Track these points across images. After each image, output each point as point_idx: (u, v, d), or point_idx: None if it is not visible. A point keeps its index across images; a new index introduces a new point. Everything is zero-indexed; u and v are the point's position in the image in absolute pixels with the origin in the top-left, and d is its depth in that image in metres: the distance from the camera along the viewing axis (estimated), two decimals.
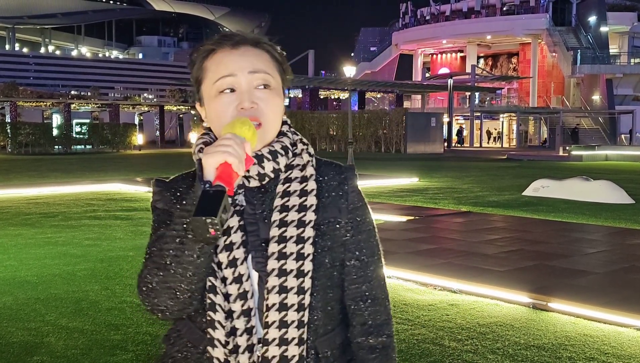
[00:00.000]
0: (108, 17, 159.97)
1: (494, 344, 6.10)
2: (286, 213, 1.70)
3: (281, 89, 1.80)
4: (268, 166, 1.71)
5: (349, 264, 1.80)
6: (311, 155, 1.81)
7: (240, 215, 1.72)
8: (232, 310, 1.68)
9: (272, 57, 1.79)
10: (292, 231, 1.68)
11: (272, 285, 1.66)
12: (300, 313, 1.67)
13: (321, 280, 1.73)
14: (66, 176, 25.03)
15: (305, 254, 1.68)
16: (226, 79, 1.72)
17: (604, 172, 27.76)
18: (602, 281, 8.39)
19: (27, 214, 14.40)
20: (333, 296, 1.78)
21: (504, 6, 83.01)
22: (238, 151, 1.54)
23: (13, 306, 7.27)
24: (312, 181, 1.74)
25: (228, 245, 1.69)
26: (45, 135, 48.53)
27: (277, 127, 1.77)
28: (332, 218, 1.76)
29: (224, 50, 1.75)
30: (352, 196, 1.80)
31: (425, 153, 47.25)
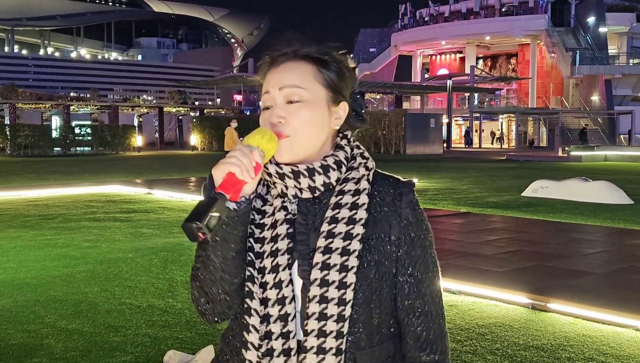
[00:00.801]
0: (107, 18, 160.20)
1: (493, 345, 6.10)
2: (335, 224, 1.73)
3: (323, 100, 1.78)
4: (318, 180, 1.75)
5: (401, 279, 1.80)
6: (369, 169, 1.81)
7: (290, 224, 1.76)
8: (269, 315, 1.72)
9: (314, 66, 1.79)
10: (339, 243, 1.71)
11: (313, 294, 1.70)
12: (340, 324, 1.69)
13: (365, 293, 1.73)
14: (65, 178, 25.02)
15: (349, 266, 1.70)
16: (265, 97, 1.81)
17: (603, 172, 27.77)
18: (601, 282, 8.39)
19: (27, 216, 14.39)
20: (380, 310, 1.77)
21: (502, 7, 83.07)
22: (242, 160, 1.62)
23: (12, 308, 7.27)
24: (364, 195, 1.76)
25: (274, 251, 1.74)
26: (45, 137, 48.53)
27: (312, 139, 1.76)
28: (382, 232, 1.77)
29: (271, 69, 1.82)
30: (406, 212, 1.80)
31: (425, 154, 47.25)
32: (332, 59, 1.81)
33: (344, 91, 1.83)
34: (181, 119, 69.66)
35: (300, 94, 1.75)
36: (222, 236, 1.70)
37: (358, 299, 1.72)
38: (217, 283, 1.75)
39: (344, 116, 1.83)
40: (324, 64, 1.80)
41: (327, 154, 1.80)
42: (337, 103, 1.81)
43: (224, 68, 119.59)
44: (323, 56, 1.80)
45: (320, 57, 1.80)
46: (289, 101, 1.75)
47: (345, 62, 1.85)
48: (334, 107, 1.81)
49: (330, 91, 1.79)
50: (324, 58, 1.80)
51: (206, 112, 69.51)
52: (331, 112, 1.80)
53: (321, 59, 1.80)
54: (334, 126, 1.82)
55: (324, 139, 1.79)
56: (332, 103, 1.80)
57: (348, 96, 1.85)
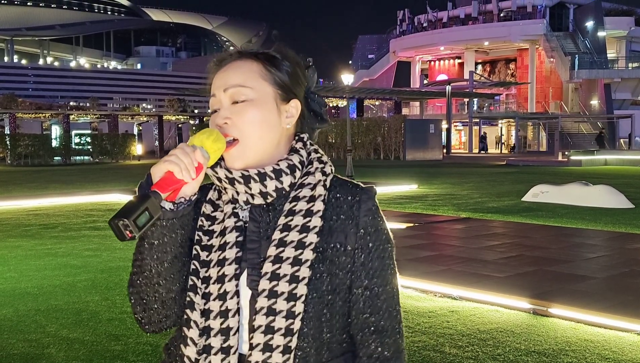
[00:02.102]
0: (106, 28, 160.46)
1: (495, 350, 6.10)
2: (287, 232, 1.63)
3: (270, 98, 1.70)
4: (270, 185, 1.65)
5: (356, 292, 1.69)
6: (326, 174, 1.72)
7: (240, 231, 1.67)
8: (210, 327, 1.63)
9: (260, 64, 1.72)
10: (290, 252, 1.61)
11: (260, 306, 1.60)
12: (288, 338, 1.58)
13: (316, 307, 1.62)
14: (66, 187, 25.03)
15: (300, 277, 1.60)
16: (211, 100, 1.74)
17: (603, 177, 27.78)
18: (603, 286, 8.39)
19: (27, 225, 14.40)
20: (331, 324, 1.66)
21: (501, 12, 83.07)
22: (182, 159, 1.56)
23: (13, 317, 7.27)
24: (319, 202, 1.66)
25: (221, 260, 1.64)
26: (45, 146, 48.54)
27: (262, 141, 1.68)
28: (338, 242, 1.66)
29: (216, 71, 1.76)
30: (364, 221, 1.69)
31: (425, 160, 47.27)
32: (282, 57, 1.74)
33: (296, 88, 1.75)
34: (181, 127, 69.68)
35: (245, 93, 1.68)
36: (158, 239, 1.62)
37: (308, 312, 1.61)
38: (152, 290, 1.67)
39: (296, 114, 1.75)
40: (272, 62, 1.72)
41: (282, 157, 1.70)
42: (287, 101, 1.73)
43: None
44: (271, 53, 1.74)
45: (267, 55, 1.74)
46: (235, 101, 1.68)
47: (297, 60, 1.78)
48: (284, 105, 1.72)
49: (278, 88, 1.71)
50: (272, 55, 1.74)
51: (205, 120, 69.36)
52: (281, 111, 1.71)
53: (268, 57, 1.73)
54: (285, 125, 1.72)
55: (275, 140, 1.70)
56: (281, 101, 1.71)
57: (301, 94, 1.78)
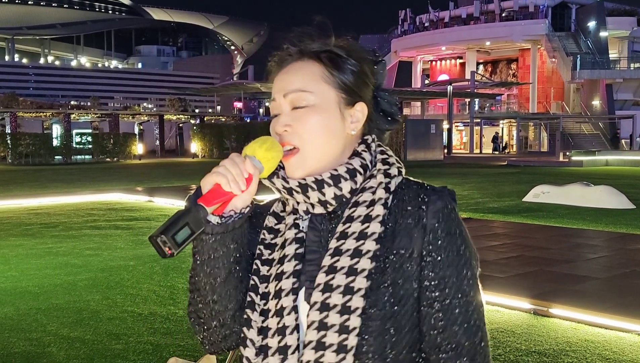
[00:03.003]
0: (107, 27, 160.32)
1: (495, 350, 6.10)
2: (344, 240, 1.49)
3: (333, 102, 1.57)
4: (329, 192, 1.53)
5: (426, 305, 1.51)
6: (389, 176, 1.56)
7: (300, 243, 1.56)
8: (267, 346, 1.53)
9: (322, 66, 1.58)
10: (345, 261, 1.47)
11: (311, 319, 1.47)
12: (341, 355, 1.44)
13: (376, 321, 1.46)
14: (66, 186, 25.03)
15: (355, 288, 1.45)
16: (271, 104, 1.61)
17: (604, 177, 27.77)
18: (603, 287, 8.39)
19: (28, 224, 14.40)
20: (396, 341, 1.48)
21: (502, 12, 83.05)
22: (231, 170, 1.46)
23: (14, 316, 7.27)
24: (379, 206, 1.51)
25: (279, 274, 1.54)
26: (46, 145, 48.53)
27: (324, 149, 1.55)
28: (402, 248, 1.50)
29: (277, 71, 1.63)
30: (432, 224, 1.51)
31: (426, 160, 47.21)
32: (347, 54, 1.60)
33: (362, 90, 1.61)
34: (181, 126, 69.69)
35: (307, 98, 1.54)
36: (208, 254, 1.53)
37: (368, 327, 1.45)
38: (208, 308, 1.59)
39: (363, 118, 1.60)
40: (335, 62, 1.58)
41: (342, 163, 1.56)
42: (352, 105, 1.59)
43: (224, 75, 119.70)
44: (334, 51, 1.60)
45: (331, 53, 1.59)
46: (295, 106, 1.55)
47: (364, 56, 1.63)
48: (349, 110, 1.58)
49: (342, 92, 1.57)
50: (335, 54, 1.59)
51: (206, 119, 69.47)
52: (345, 116, 1.58)
53: (332, 56, 1.59)
54: (349, 131, 1.59)
55: (339, 147, 1.57)
56: (345, 106, 1.58)
57: (369, 95, 1.63)
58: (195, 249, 1.54)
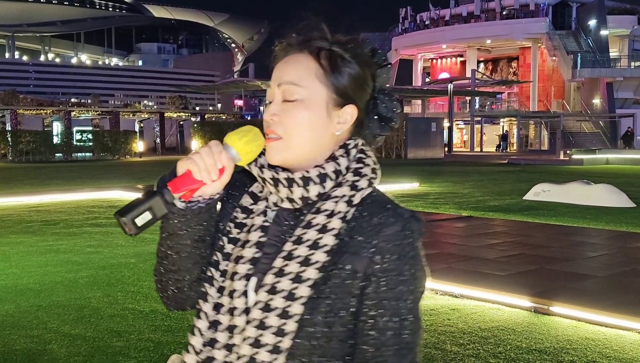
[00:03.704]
0: (107, 24, 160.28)
1: (496, 348, 6.11)
2: (297, 246, 1.52)
3: (322, 101, 1.58)
4: (297, 192, 1.56)
5: (361, 321, 1.52)
6: (356, 189, 1.57)
7: (265, 232, 1.60)
8: (219, 322, 1.58)
9: (318, 63, 1.59)
10: (294, 268, 1.51)
11: (252, 317, 1.52)
12: (274, 355, 1.49)
13: (311, 327, 1.50)
14: (67, 183, 25.02)
15: (297, 295, 1.49)
16: (268, 91, 1.67)
17: (604, 176, 27.76)
18: (604, 285, 8.40)
19: (29, 222, 14.41)
20: (325, 349, 1.52)
21: (503, 10, 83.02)
22: (205, 159, 1.52)
23: (15, 313, 7.28)
24: (336, 219, 1.53)
25: (237, 257, 1.59)
26: (46, 143, 48.51)
27: (306, 144, 1.58)
28: (348, 264, 1.51)
29: (279, 57, 1.66)
30: (381, 247, 1.51)
31: (426, 158, 47.22)
32: (352, 56, 1.61)
33: (357, 94, 1.61)
34: (182, 124, 69.66)
35: (297, 92, 1.57)
36: (173, 231, 1.60)
37: (300, 332, 1.50)
38: (167, 276, 1.67)
39: (350, 121, 1.61)
40: (333, 63, 1.59)
41: (319, 164, 1.59)
42: (342, 106, 1.60)
43: (224, 73, 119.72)
44: (336, 51, 1.60)
45: (332, 53, 1.60)
46: (286, 98, 1.59)
47: (368, 60, 1.64)
48: (337, 111, 1.59)
49: (333, 93, 1.59)
50: (335, 54, 1.60)
51: (207, 117, 69.42)
52: (331, 116, 1.59)
53: (332, 56, 1.60)
54: (335, 131, 1.60)
55: (321, 145, 1.60)
56: (334, 106, 1.59)
57: (364, 99, 1.64)
58: (162, 224, 1.61)
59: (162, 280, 1.70)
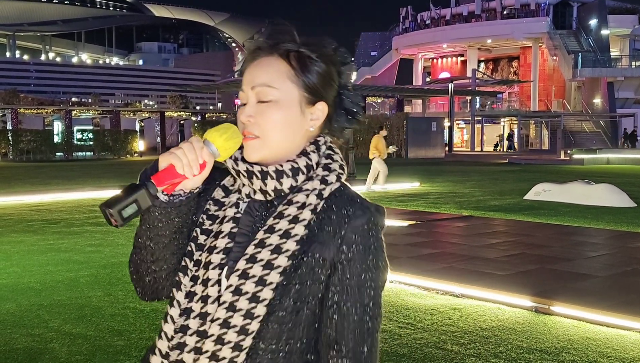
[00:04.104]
0: (108, 23, 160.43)
1: (497, 348, 6.11)
2: (269, 234, 1.61)
3: (295, 100, 1.67)
4: (270, 184, 1.64)
5: (325, 306, 1.63)
6: (326, 183, 1.67)
7: (236, 222, 1.68)
8: (191, 309, 1.64)
9: (289, 65, 1.68)
10: (265, 255, 1.60)
11: (223, 300, 1.60)
12: (241, 336, 1.57)
13: (280, 312, 1.59)
14: (68, 182, 25.04)
15: (267, 281, 1.58)
16: (240, 94, 1.73)
17: (605, 175, 27.77)
18: (605, 285, 8.40)
19: (30, 221, 14.41)
20: (293, 333, 1.61)
21: (504, 10, 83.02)
22: (188, 155, 1.57)
23: (16, 312, 7.28)
24: (307, 210, 1.62)
25: (211, 247, 1.66)
26: (47, 142, 48.53)
27: (283, 142, 1.66)
28: (316, 253, 1.61)
29: (250, 62, 1.73)
30: (349, 237, 1.61)
31: (427, 158, 47.26)
32: (318, 56, 1.69)
33: (326, 90, 1.70)
34: (183, 123, 69.68)
35: (271, 93, 1.65)
36: (153, 223, 1.65)
37: (269, 315, 1.59)
38: (145, 266, 1.72)
39: (322, 117, 1.71)
40: (302, 63, 1.68)
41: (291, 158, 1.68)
42: (314, 103, 1.69)
43: (225, 72, 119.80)
44: (304, 52, 1.68)
45: (299, 54, 1.68)
46: (260, 100, 1.66)
47: (333, 58, 1.72)
48: (310, 108, 1.69)
49: (305, 91, 1.68)
50: (303, 55, 1.68)
51: (207, 116, 69.37)
52: (305, 114, 1.69)
53: (301, 57, 1.68)
54: (308, 127, 1.70)
55: (296, 141, 1.69)
56: (307, 104, 1.68)
57: (332, 95, 1.72)
58: (143, 216, 1.66)
59: (139, 270, 1.75)
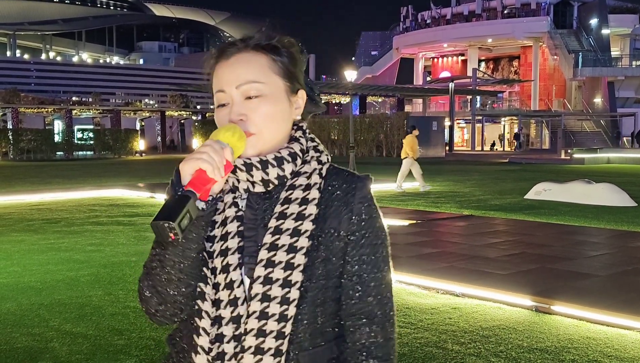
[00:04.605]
0: (109, 23, 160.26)
1: (497, 347, 6.11)
2: (283, 220, 1.63)
3: (282, 91, 1.70)
4: (272, 173, 1.65)
5: (346, 277, 1.69)
6: (322, 163, 1.72)
7: (241, 220, 1.67)
8: (221, 317, 1.62)
9: (267, 56, 1.70)
10: (285, 240, 1.61)
11: (255, 292, 1.59)
12: (282, 324, 1.59)
13: (312, 292, 1.63)
14: (68, 182, 25.05)
15: (295, 264, 1.60)
16: (219, 95, 1.71)
17: (605, 175, 27.76)
18: (605, 284, 8.39)
19: (30, 220, 14.41)
20: (325, 310, 1.67)
21: (505, 9, 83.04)
22: (214, 157, 1.53)
23: (17, 311, 7.28)
24: (314, 190, 1.66)
25: (224, 251, 1.64)
26: (47, 141, 48.56)
27: (277, 134, 1.69)
28: (332, 228, 1.66)
29: (220, 62, 1.73)
30: (358, 208, 1.68)
31: (427, 157, 47.19)
32: (281, 45, 1.72)
33: (299, 77, 1.75)
34: (183, 123, 69.69)
35: (259, 88, 1.66)
36: (186, 237, 1.59)
37: (304, 298, 1.62)
38: (173, 284, 1.64)
39: (303, 104, 1.77)
40: (276, 52, 1.71)
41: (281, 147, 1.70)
42: (296, 92, 1.74)
43: None
44: (274, 44, 1.71)
45: (271, 44, 1.71)
46: (248, 96, 1.66)
47: (294, 45, 1.75)
48: (294, 97, 1.74)
49: (287, 80, 1.71)
50: (274, 44, 1.71)
51: (208, 115, 69.34)
52: (292, 103, 1.73)
53: (272, 47, 1.71)
54: (294, 116, 1.75)
55: (287, 131, 1.73)
56: (291, 93, 1.73)
57: (303, 82, 1.78)
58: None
59: (164, 291, 1.65)
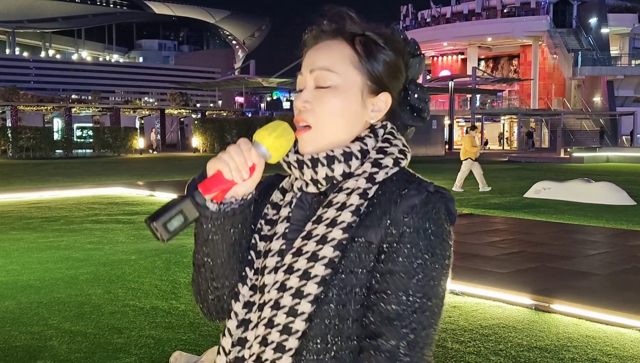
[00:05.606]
0: (108, 20, 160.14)
1: (497, 346, 6.11)
2: (317, 225, 1.48)
3: (356, 88, 1.55)
4: (321, 172, 1.52)
5: (370, 293, 1.45)
6: (380, 166, 1.51)
7: (289, 222, 1.56)
8: (249, 320, 1.53)
9: (355, 51, 1.56)
10: (311, 247, 1.46)
11: (269, 298, 1.48)
12: (284, 336, 1.44)
13: (325, 307, 1.44)
14: (67, 180, 25.03)
15: (312, 274, 1.44)
16: (298, 78, 1.60)
17: (605, 174, 27.76)
18: (604, 283, 8.40)
19: (29, 218, 14.41)
20: (340, 329, 1.45)
21: (504, 8, 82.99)
22: (235, 158, 1.44)
23: (16, 310, 7.28)
24: (355, 195, 1.47)
25: (266, 252, 1.56)
26: (46, 139, 48.53)
27: (338, 132, 1.54)
28: (363, 237, 1.46)
29: (309, 46, 1.62)
30: (399, 217, 1.44)
31: (427, 156, 47.21)
32: (386, 43, 1.58)
33: (391, 82, 1.59)
34: (183, 121, 69.67)
35: (331, 78, 1.54)
36: (207, 237, 1.52)
37: (315, 312, 1.44)
38: (206, 284, 1.59)
39: (385, 109, 1.58)
40: (368, 49, 1.56)
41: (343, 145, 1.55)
42: (377, 94, 1.57)
43: (225, 70, 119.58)
44: (370, 37, 1.57)
45: (367, 39, 1.57)
46: (319, 85, 1.55)
47: (402, 48, 1.61)
48: (372, 98, 1.57)
49: (368, 79, 1.56)
50: (370, 40, 1.57)
51: (208, 114, 69.37)
52: (366, 103, 1.56)
53: (368, 41, 1.56)
54: (369, 118, 1.57)
55: (354, 133, 1.56)
56: (369, 93, 1.56)
57: (397, 88, 1.61)
58: (195, 230, 1.54)
59: (201, 290, 1.63)
